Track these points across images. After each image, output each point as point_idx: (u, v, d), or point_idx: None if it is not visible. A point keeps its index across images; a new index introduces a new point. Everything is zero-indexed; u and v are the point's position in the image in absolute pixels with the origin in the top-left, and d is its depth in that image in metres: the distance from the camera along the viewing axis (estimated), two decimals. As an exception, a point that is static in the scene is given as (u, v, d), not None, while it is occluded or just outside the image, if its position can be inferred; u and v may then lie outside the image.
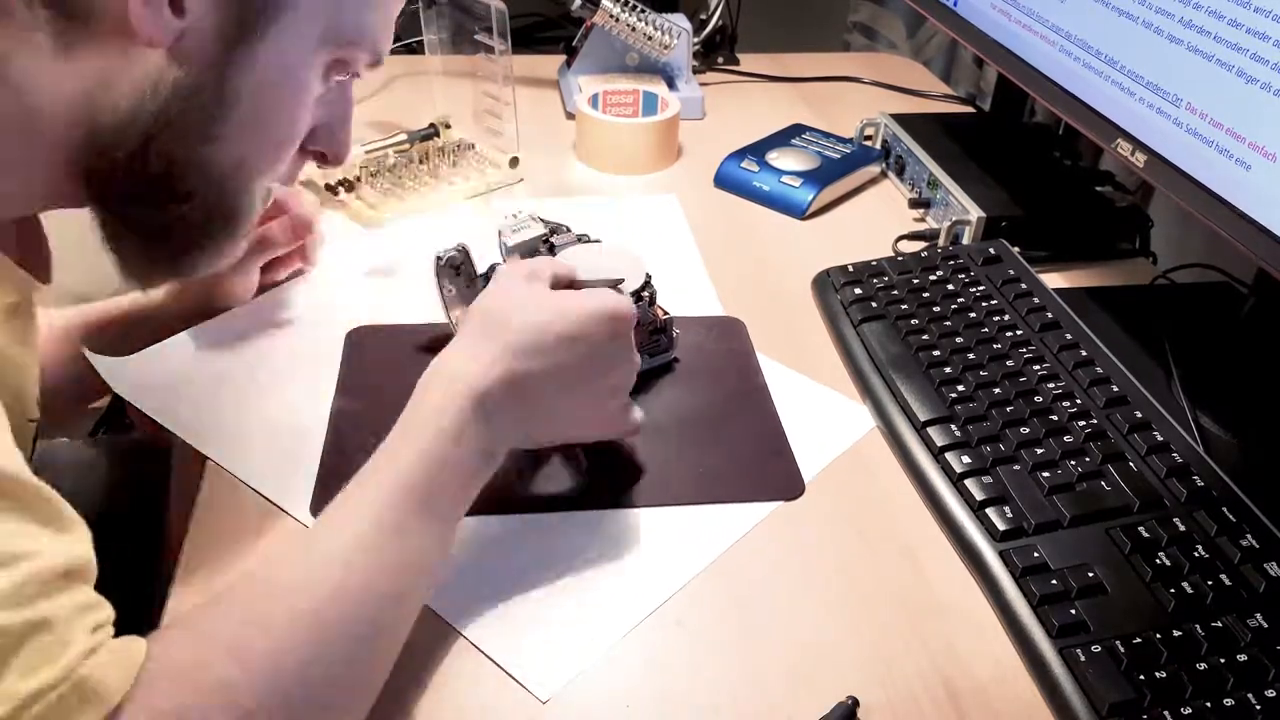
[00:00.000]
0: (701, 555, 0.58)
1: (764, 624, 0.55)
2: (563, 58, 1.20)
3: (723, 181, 0.99)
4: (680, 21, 1.14)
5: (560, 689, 0.51)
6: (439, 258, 0.69)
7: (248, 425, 0.66)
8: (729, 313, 0.79)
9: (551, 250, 0.70)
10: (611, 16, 1.08)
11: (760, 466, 0.64)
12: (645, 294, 0.69)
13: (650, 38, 1.10)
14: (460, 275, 0.70)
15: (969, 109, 1.20)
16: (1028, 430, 0.63)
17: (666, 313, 0.71)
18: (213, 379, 0.70)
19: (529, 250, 0.70)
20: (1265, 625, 0.52)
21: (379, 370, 0.71)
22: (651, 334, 0.71)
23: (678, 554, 0.58)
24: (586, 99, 1.04)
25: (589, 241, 0.72)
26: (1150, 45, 0.68)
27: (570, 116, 1.12)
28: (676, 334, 0.73)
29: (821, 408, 0.70)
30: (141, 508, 0.78)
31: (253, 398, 0.69)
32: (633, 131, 1.01)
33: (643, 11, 1.09)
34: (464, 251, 0.70)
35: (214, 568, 0.57)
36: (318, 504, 0.60)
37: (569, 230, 0.73)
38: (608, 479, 0.63)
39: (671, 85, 1.14)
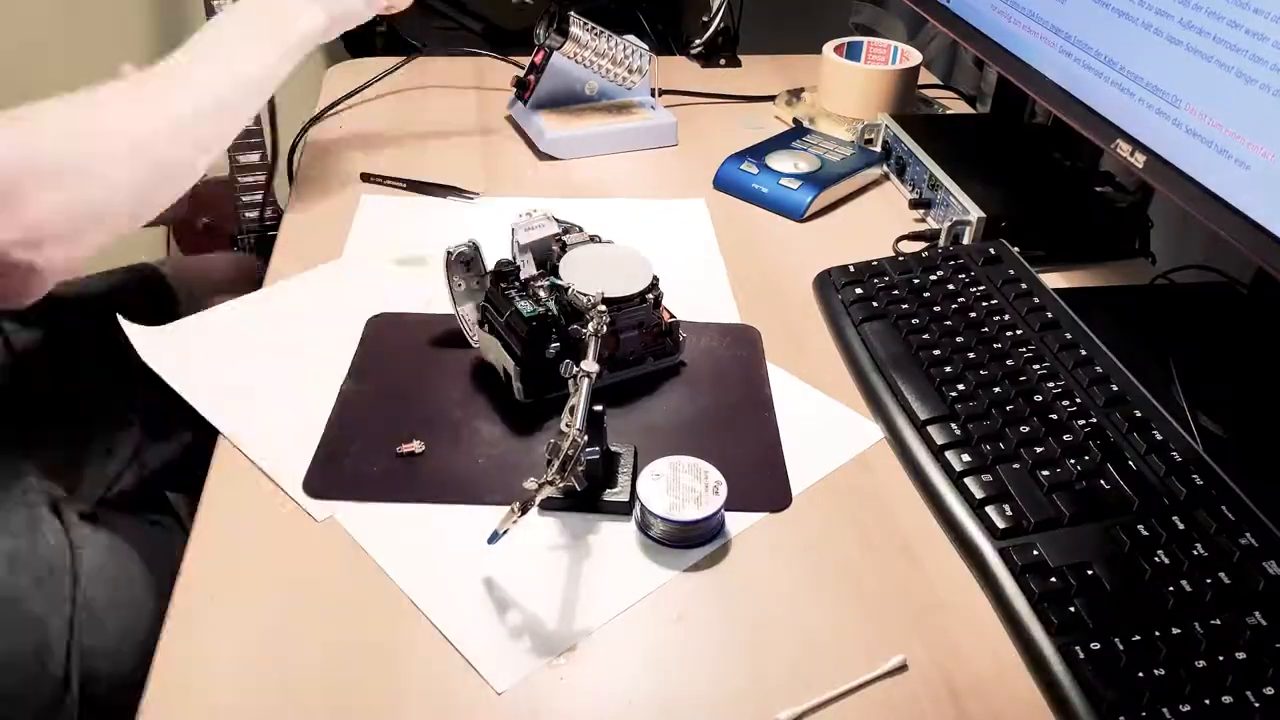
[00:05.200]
0: (675, 562, 0.58)
1: (766, 621, 0.55)
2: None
3: (722, 183, 0.99)
4: (642, 44, 1.05)
5: (516, 682, 0.51)
6: (449, 252, 0.70)
7: (259, 401, 0.68)
8: (741, 318, 0.79)
9: (563, 249, 0.71)
10: (580, 46, 0.99)
11: (750, 477, 0.64)
12: (650, 296, 0.69)
13: (617, 62, 1.02)
14: (470, 271, 0.71)
15: (970, 110, 1.20)
16: (1027, 429, 0.64)
17: (673, 315, 0.72)
18: (236, 354, 0.73)
19: (542, 248, 0.71)
20: (1264, 623, 0.52)
21: (390, 357, 0.73)
22: (656, 336, 0.71)
23: (652, 559, 0.58)
24: (834, 48, 1.11)
25: (601, 242, 0.73)
26: (1150, 46, 0.68)
27: (543, 157, 1.03)
28: (684, 338, 0.73)
29: (829, 422, 0.69)
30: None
31: (270, 375, 0.71)
32: (883, 76, 1.10)
33: (610, 37, 1.01)
34: (474, 247, 0.70)
35: (226, 538, 0.58)
36: (310, 482, 0.61)
37: (581, 230, 0.73)
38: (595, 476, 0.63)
39: (637, 108, 1.07)
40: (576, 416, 0.54)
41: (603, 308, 0.64)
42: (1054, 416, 0.65)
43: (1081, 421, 0.64)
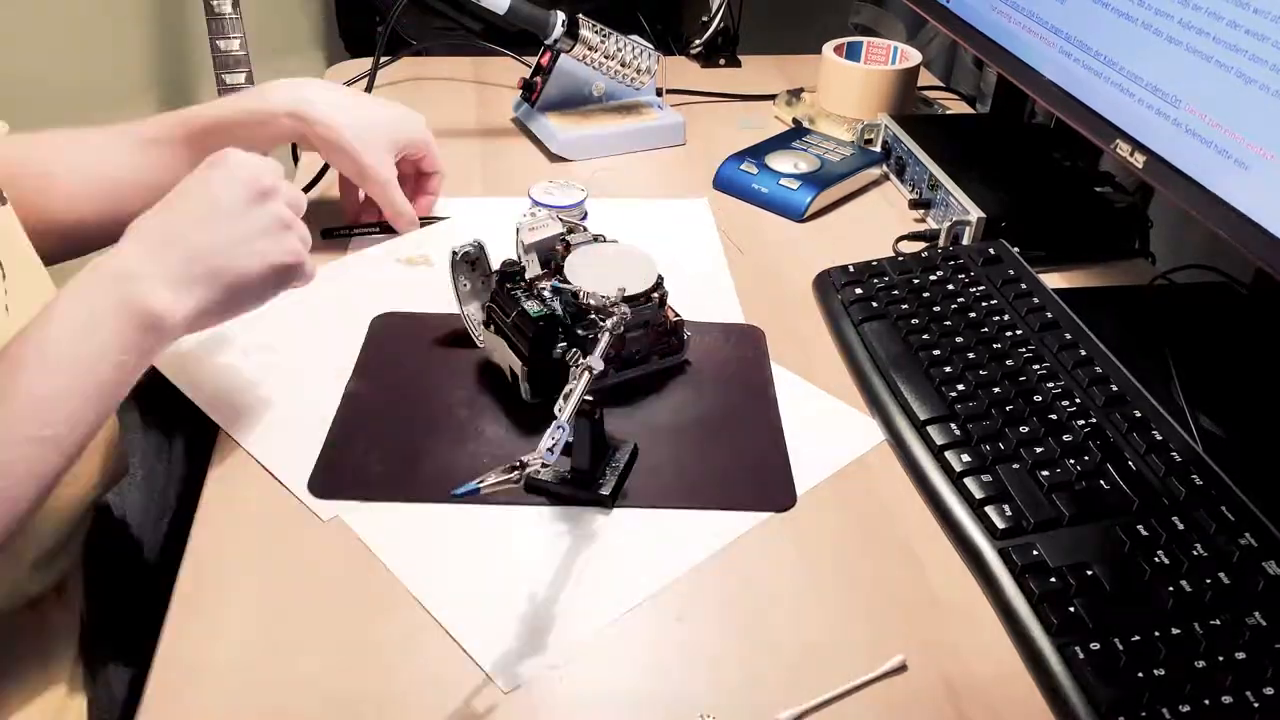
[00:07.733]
0: (681, 561, 0.58)
1: (766, 622, 0.55)
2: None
3: (722, 184, 0.99)
4: (647, 44, 1.05)
5: (526, 681, 0.51)
6: (454, 252, 0.70)
7: (264, 399, 0.68)
8: (745, 318, 0.79)
9: (568, 248, 0.71)
10: (590, 48, 0.99)
11: (755, 476, 0.64)
12: (655, 295, 0.69)
13: (626, 64, 1.02)
14: (475, 270, 0.71)
15: (970, 110, 1.21)
16: (1027, 429, 0.64)
17: (677, 315, 0.72)
18: (240, 353, 0.72)
19: (546, 248, 0.71)
20: (1263, 624, 0.52)
21: (395, 356, 0.73)
22: (661, 335, 0.71)
23: (658, 558, 0.58)
24: (834, 48, 1.11)
25: (605, 241, 0.73)
26: (1149, 46, 0.68)
27: (554, 158, 1.03)
28: (689, 337, 0.73)
29: (831, 420, 0.69)
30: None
31: (275, 374, 0.71)
32: (883, 76, 1.10)
33: (618, 38, 1.01)
34: (480, 247, 0.70)
35: (228, 537, 0.58)
36: (315, 481, 0.61)
37: (585, 229, 0.73)
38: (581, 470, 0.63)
39: (644, 108, 1.08)
40: (568, 406, 0.55)
41: (625, 309, 0.64)
42: (1054, 416, 0.65)
43: (1081, 421, 0.64)
